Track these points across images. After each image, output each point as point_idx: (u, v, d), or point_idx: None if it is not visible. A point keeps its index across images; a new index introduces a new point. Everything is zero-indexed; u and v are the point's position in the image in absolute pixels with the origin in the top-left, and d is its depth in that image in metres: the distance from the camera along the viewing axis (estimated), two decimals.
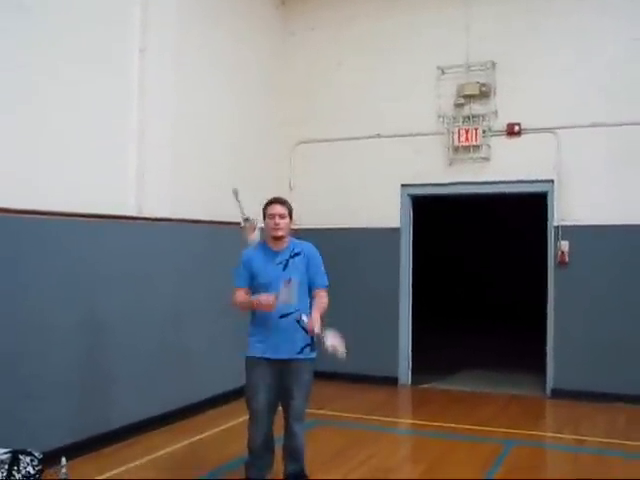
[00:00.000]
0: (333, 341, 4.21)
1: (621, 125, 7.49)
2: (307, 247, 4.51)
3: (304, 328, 4.31)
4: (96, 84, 5.96)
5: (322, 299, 4.45)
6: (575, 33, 7.78)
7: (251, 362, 4.45)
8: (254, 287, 4.44)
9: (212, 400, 7.13)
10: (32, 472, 4.42)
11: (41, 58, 5.43)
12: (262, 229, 4.66)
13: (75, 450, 5.35)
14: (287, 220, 4.43)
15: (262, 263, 4.41)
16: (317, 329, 4.20)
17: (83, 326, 5.67)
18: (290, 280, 4.21)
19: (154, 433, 6.24)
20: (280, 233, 4.40)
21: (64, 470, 4.57)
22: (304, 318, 4.26)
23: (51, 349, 5.34)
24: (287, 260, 4.39)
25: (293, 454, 4.46)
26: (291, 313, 4.30)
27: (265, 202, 4.52)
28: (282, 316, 4.31)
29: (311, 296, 4.47)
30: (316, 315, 4.27)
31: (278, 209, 4.42)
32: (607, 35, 7.63)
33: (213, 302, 6.86)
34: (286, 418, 4.46)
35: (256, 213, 4.72)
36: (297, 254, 4.40)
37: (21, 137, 5.26)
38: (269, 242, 4.47)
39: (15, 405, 5.01)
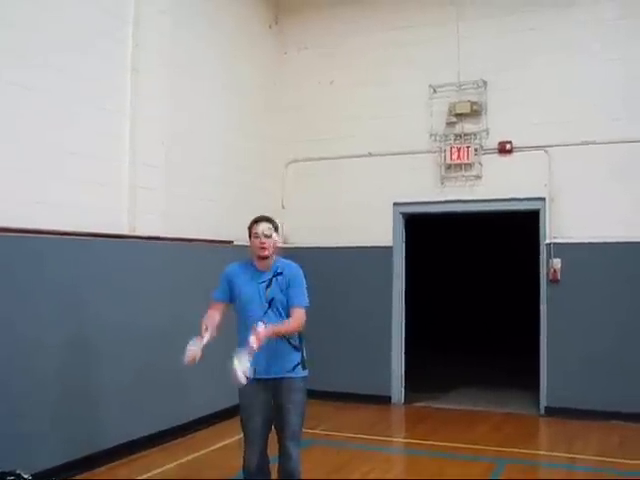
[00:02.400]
0: (241, 365, 3.90)
1: (613, 142, 7.52)
2: (290, 267, 4.41)
3: (293, 345, 4.29)
4: (89, 103, 5.99)
5: (295, 318, 4.26)
6: (566, 51, 7.84)
7: None
8: (236, 305, 4.41)
9: (204, 419, 7.10)
10: None
11: (34, 78, 5.45)
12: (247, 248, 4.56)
13: (66, 470, 5.32)
14: (273, 239, 4.41)
15: (245, 281, 4.36)
16: (253, 342, 3.94)
17: (74, 345, 5.64)
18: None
19: (147, 452, 6.20)
20: (266, 253, 4.33)
21: None
22: (260, 326, 4.01)
23: (41, 368, 5.30)
24: (270, 279, 4.34)
25: (288, 477, 4.36)
26: None
27: (251, 221, 4.45)
28: None
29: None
30: (265, 331, 4.01)
31: (264, 228, 4.35)
32: (598, 53, 7.68)
33: None
34: (281, 438, 4.34)
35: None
36: (280, 274, 4.35)
37: (14, 156, 5.27)
38: (254, 261, 4.44)
39: (3, 425, 4.96)
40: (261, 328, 4.01)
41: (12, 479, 4.36)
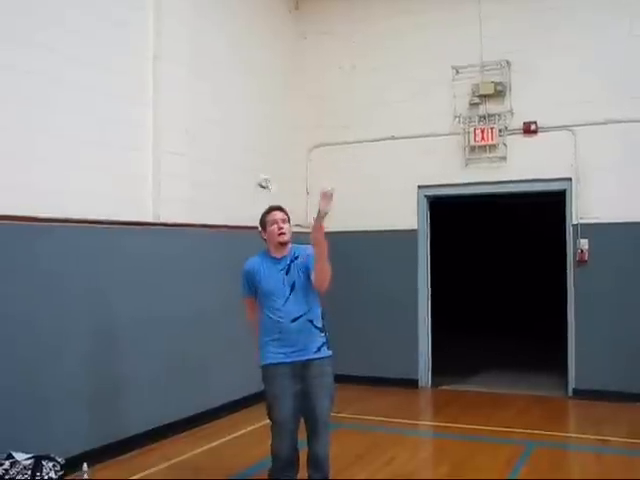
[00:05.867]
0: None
1: (639, 121, 7.41)
2: (305, 249, 4.41)
3: (316, 326, 4.27)
4: (112, 92, 6.03)
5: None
6: (590, 30, 7.72)
7: (269, 370, 4.35)
8: (258, 294, 4.42)
9: (229, 406, 7.14)
10: (54, 477, 4.48)
11: (58, 68, 5.49)
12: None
13: (97, 456, 5.39)
14: (289, 225, 4.42)
15: (265, 272, 4.37)
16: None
17: (101, 332, 5.70)
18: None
19: (173, 439, 6.26)
20: (286, 238, 4.37)
21: (86, 476, 4.61)
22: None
23: (70, 357, 5.37)
24: (289, 265, 4.36)
25: (317, 463, 4.32)
26: (302, 316, 4.27)
27: (263, 212, 4.48)
28: (294, 320, 4.26)
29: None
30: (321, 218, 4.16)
31: (279, 215, 4.41)
32: (623, 31, 7.56)
33: (230, 307, 6.83)
34: (311, 425, 4.33)
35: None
36: (296, 258, 4.36)
37: (39, 146, 5.33)
38: (272, 249, 4.43)
39: (37, 411, 5.04)
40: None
41: (47, 462, 4.46)
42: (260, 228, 4.49)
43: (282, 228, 4.36)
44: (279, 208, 4.49)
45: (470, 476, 5.27)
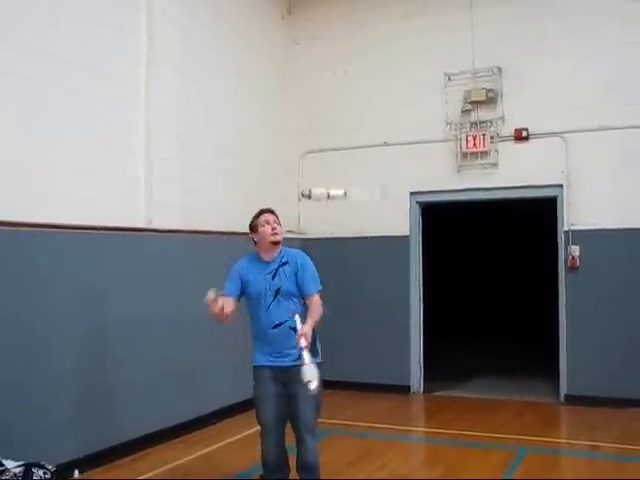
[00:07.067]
0: (309, 375, 3.87)
1: (630, 128, 7.43)
2: (295, 255, 4.44)
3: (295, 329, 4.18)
4: (103, 97, 6.00)
5: (316, 307, 4.29)
6: (582, 36, 7.75)
7: (257, 372, 4.40)
8: (246, 297, 4.43)
9: (222, 412, 7.11)
10: None
11: (48, 73, 5.47)
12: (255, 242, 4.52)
13: (87, 462, 5.37)
14: (281, 227, 4.45)
15: (254, 275, 4.39)
16: (303, 342, 3.94)
17: (93, 338, 5.68)
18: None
19: (166, 445, 6.23)
20: (279, 238, 4.39)
21: None
22: (297, 321, 4.04)
23: (61, 362, 5.34)
24: (276, 269, 4.37)
25: (307, 468, 4.35)
26: (284, 322, 4.26)
27: (253, 216, 4.50)
28: (275, 326, 4.28)
29: (306, 304, 4.35)
30: (307, 327, 4.05)
31: (271, 217, 4.44)
32: (614, 37, 7.59)
33: None
34: (296, 430, 4.35)
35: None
36: (285, 263, 4.38)
37: (30, 151, 5.30)
38: (262, 252, 4.44)
39: (28, 417, 5.01)
40: (306, 328, 4.02)
41: (37, 470, 4.42)
42: (250, 231, 4.50)
43: (275, 228, 4.39)
44: (270, 211, 4.52)
45: None
